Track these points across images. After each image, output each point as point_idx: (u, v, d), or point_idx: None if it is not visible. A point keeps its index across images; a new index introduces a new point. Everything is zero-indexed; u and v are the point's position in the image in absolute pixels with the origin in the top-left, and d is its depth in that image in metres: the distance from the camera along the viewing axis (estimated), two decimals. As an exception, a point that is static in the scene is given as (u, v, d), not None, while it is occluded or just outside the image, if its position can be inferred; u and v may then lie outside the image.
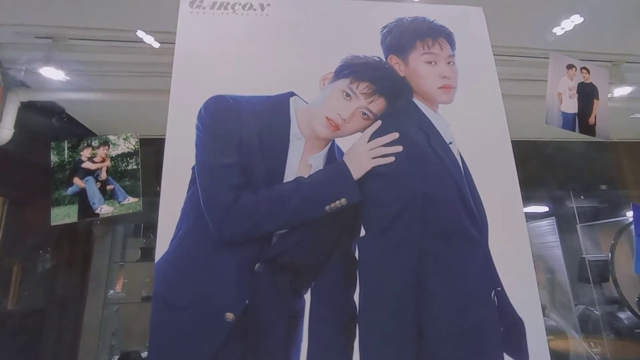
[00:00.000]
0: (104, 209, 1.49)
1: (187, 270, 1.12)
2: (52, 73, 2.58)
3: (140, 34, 2.40)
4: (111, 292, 4.34)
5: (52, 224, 1.48)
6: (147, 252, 4.59)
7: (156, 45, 2.47)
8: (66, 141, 1.60)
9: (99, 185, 1.53)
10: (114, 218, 4.29)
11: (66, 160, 1.59)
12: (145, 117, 3.78)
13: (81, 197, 1.53)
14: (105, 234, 4.30)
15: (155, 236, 3.49)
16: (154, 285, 1.11)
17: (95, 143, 1.61)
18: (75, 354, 3.66)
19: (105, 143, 1.60)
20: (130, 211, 1.47)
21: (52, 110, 3.41)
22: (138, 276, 4.60)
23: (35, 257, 3.32)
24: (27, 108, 2.82)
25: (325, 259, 1.16)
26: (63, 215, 1.52)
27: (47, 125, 3.36)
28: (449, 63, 1.31)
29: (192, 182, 1.18)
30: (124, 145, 1.60)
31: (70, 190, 1.54)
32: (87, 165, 1.56)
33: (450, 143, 1.26)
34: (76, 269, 3.74)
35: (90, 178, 1.53)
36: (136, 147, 1.58)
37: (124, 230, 4.73)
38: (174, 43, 2.57)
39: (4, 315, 2.97)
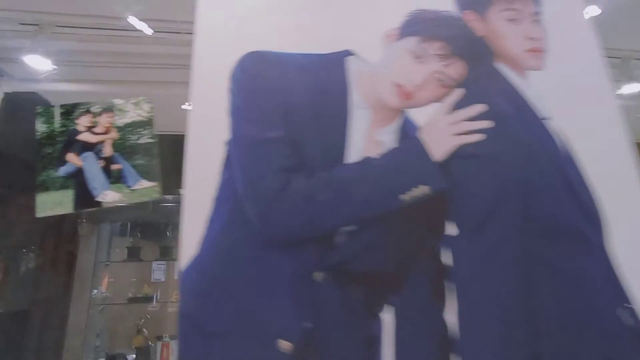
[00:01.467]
0: (109, 196, 1.12)
1: (225, 282, 0.88)
2: (37, 62, 2.46)
3: (133, 20, 2.29)
4: (95, 292, 4.20)
5: (38, 215, 1.09)
6: (134, 252, 4.47)
7: (149, 32, 2.36)
8: (58, 105, 1.21)
9: (102, 165, 1.16)
10: (99, 213, 4.19)
11: (57, 130, 1.21)
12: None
13: (78, 179, 1.18)
14: (90, 232, 4.16)
15: (142, 235, 3.35)
16: (180, 301, 0.87)
17: (96, 109, 1.24)
18: (59, 355, 3.53)
19: (110, 109, 1.24)
20: (145, 199, 1.11)
21: (36, 102, 3.27)
22: (124, 276, 4.49)
23: (19, 256, 3.18)
24: (10, 99, 2.68)
25: (406, 267, 0.91)
26: (53, 203, 1.13)
27: (32, 117, 3.22)
28: (534, 21, 1.05)
29: (228, 162, 0.95)
30: (133, 111, 1.25)
31: (63, 171, 1.17)
32: (85, 137, 1.18)
33: (546, 119, 1.01)
34: (61, 268, 3.61)
35: (90, 154, 1.16)
36: (150, 114, 1.23)
37: (110, 228, 4.59)
38: (169, 32, 2.50)
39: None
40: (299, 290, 0.86)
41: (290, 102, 0.95)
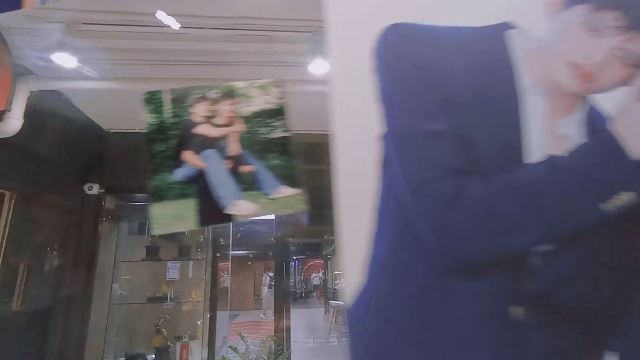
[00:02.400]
0: (243, 208, 0.87)
1: (400, 322, 0.67)
2: (63, 60, 2.44)
3: (161, 15, 2.26)
4: (117, 291, 4.21)
5: (155, 232, 0.87)
6: (153, 251, 4.47)
7: (177, 26, 2.34)
8: (168, 90, 0.97)
9: (228, 166, 0.91)
10: (119, 211, 4.17)
11: (168, 121, 0.96)
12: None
13: (200, 185, 0.93)
14: (110, 231, 4.16)
15: (160, 235, 3.31)
16: (350, 347, 0.69)
17: (213, 94, 0.99)
18: (81, 355, 3.52)
19: (230, 94, 0.99)
20: (289, 211, 0.86)
21: (63, 101, 3.28)
22: (140, 275, 4.49)
23: (42, 255, 3.18)
24: (37, 98, 2.68)
25: (624, 298, 0.68)
26: (171, 217, 0.88)
27: (58, 116, 3.23)
28: None
29: (386, 163, 0.75)
30: (260, 97, 0.99)
31: (180, 174, 0.92)
32: (204, 130, 0.93)
33: None
34: (82, 267, 3.61)
35: (213, 152, 0.92)
36: (281, 100, 0.96)
37: (129, 227, 4.60)
38: (198, 27, 2.48)
39: (9, 316, 2.83)
40: (495, 332, 0.64)
41: (449, 86, 0.76)
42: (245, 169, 0.95)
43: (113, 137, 4.07)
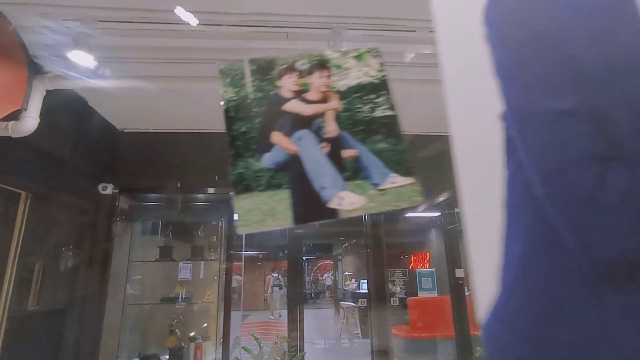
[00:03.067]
0: (349, 201, 0.70)
1: (545, 342, 0.55)
2: (80, 59, 2.41)
3: (179, 11, 2.22)
4: (129, 290, 4.19)
5: (240, 232, 0.72)
6: (166, 251, 4.45)
7: (195, 22, 2.29)
8: (247, 60, 0.83)
9: (326, 150, 0.75)
10: (133, 211, 4.14)
11: (251, 96, 0.80)
12: (186, 107, 3.66)
13: (293, 173, 0.76)
14: (124, 231, 4.14)
15: (173, 235, 3.24)
16: None
17: (302, 64, 0.85)
18: (95, 355, 3.51)
19: (323, 64, 0.86)
20: (404, 204, 0.72)
21: (78, 100, 3.26)
22: (153, 275, 4.47)
23: (57, 255, 3.16)
24: (53, 96, 2.66)
25: None
26: (261, 212, 0.72)
27: (73, 115, 3.21)
28: None
29: (510, 147, 0.64)
30: (357, 69, 0.85)
31: (269, 160, 0.76)
32: (295, 106, 0.79)
33: None
34: (97, 267, 3.59)
35: (307, 133, 0.77)
36: (382, 73, 0.84)
37: (142, 227, 4.58)
38: (215, 24, 2.44)
39: (25, 316, 2.81)
40: None
41: (575, 55, 0.63)
42: (347, 153, 0.78)
43: (127, 137, 4.06)
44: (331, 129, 0.80)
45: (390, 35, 2.59)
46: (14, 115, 2.41)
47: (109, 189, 3.82)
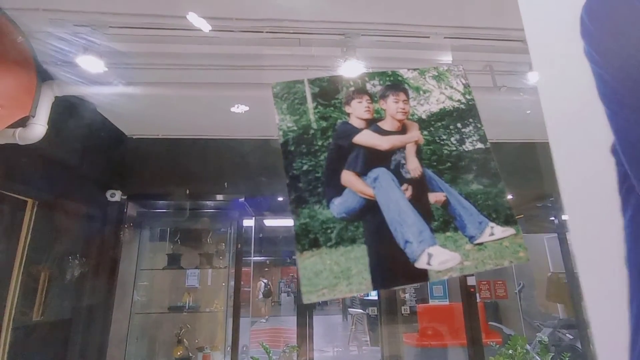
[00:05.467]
0: (441, 259, 0.58)
1: None
2: (89, 65, 2.36)
3: (192, 17, 2.16)
4: (136, 299, 4.14)
5: (307, 300, 0.58)
6: (174, 259, 4.40)
7: (207, 28, 2.24)
8: (307, 81, 0.69)
9: (409, 194, 0.62)
10: (141, 219, 4.08)
11: (315, 126, 0.66)
12: (195, 114, 3.60)
13: (372, 223, 0.62)
14: (132, 238, 4.09)
15: (181, 242, 3.15)
16: None
17: (373, 85, 0.70)
18: (102, 365, 3.46)
19: (397, 86, 0.71)
20: (506, 263, 0.59)
21: (86, 106, 3.22)
22: (161, 283, 4.41)
23: (63, 263, 3.11)
24: (62, 103, 2.61)
25: None
26: (330, 275, 0.58)
27: (81, 122, 3.17)
28: None
29: (627, 188, 0.53)
30: (439, 91, 0.71)
31: (339, 207, 0.62)
32: (369, 139, 0.65)
33: None
34: (104, 276, 3.54)
35: (383, 173, 0.64)
36: (468, 95, 0.70)
37: (150, 234, 4.53)
38: (226, 30, 2.39)
39: (29, 327, 2.76)
40: None
41: None
42: (434, 197, 0.63)
43: (136, 143, 4.01)
44: (413, 166, 0.65)
45: (403, 41, 2.53)
46: (22, 122, 2.36)
47: (117, 196, 3.77)
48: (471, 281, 4.74)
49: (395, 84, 0.74)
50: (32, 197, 2.76)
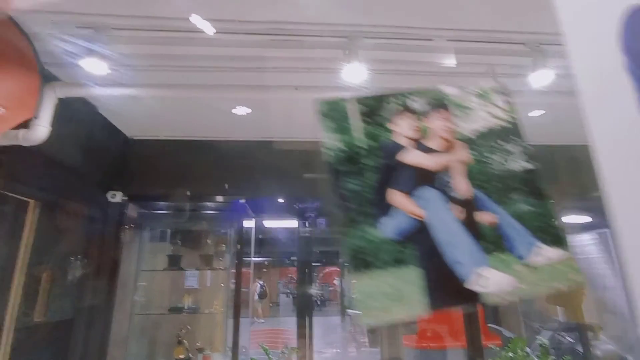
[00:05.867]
0: (493, 281, 0.56)
1: None
2: (92, 66, 2.37)
3: (195, 19, 2.17)
4: (136, 299, 4.14)
5: (364, 324, 0.49)
6: (174, 260, 4.40)
7: (212, 31, 2.25)
8: (354, 99, 0.69)
9: (459, 215, 0.61)
10: (141, 219, 4.08)
11: (361, 145, 0.66)
12: (196, 115, 3.59)
13: (424, 245, 0.61)
14: (132, 238, 4.09)
15: (182, 243, 3.16)
16: None
17: (416, 103, 0.70)
18: (102, 366, 3.45)
19: (441, 104, 0.72)
20: (559, 285, 0.58)
21: (88, 107, 3.22)
22: (164, 285, 4.41)
23: (65, 264, 3.11)
24: (63, 104, 2.61)
25: None
26: (384, 298, 0.57)
27: (83, 123, 3.17)
28: None
29: None
30: (481, 108, 0.70)
31: (390, 228, 0.61)
32: (416, 158, 0.64)
33: None
34: (105, 276, 3.54)
35: (432, 193, 0.63)
36: (512, 113, 0.69)
37: (150, 234, 4.53)
38: (231, 33, 2.40)
39: (31, 328, 2.76)
40: None
41: None
42: (485, 218, 0.61)
43: (136, 144, 4.02)
44: (463, 187, 0.63)
45: (406, 43, 2.53)
46: (25, 124, 2.37)
47: (117, 197, 3.77)
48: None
49: (439, 102, 0.72)
50: (34, 198, 2.76)
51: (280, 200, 4.27)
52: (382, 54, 2.60)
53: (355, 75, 2.48)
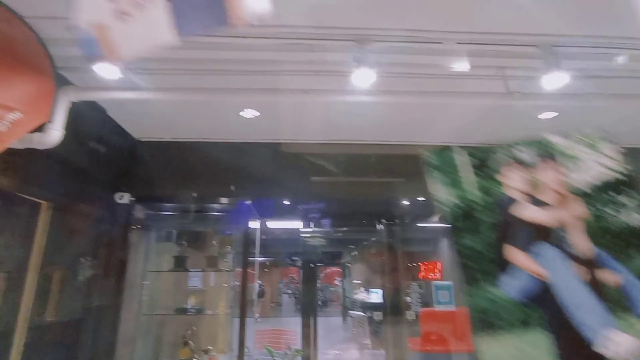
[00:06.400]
0: (625, 347, 0.51)
1: None
2: (104, 71, 2.39)
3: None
4: (145, 300, 4.17)
5: None
6: (180, 261, 4.42)
7: (219, 33, 2.27)
8: (464, 152, 0.58)
9: (583, 274, 0.51)
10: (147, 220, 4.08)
11: (476, 199, 0.56)
12: (203, 117, 3.60)
13: (549, 306, 0.56)
14: (140, 239, 4.11)
15: (188, 244, 3.20)
16: None
17: (525, 153, 0.64)
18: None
19: (549, 154, 0.64)
20: None
21: (98, 110, 3.25)
22: (171, 285, 4.44)
23: (75, 265, 3.14)
24: (78, 108, 2.64)
25: None
26: None
27: (93, 126, 3.20)
28: None
29: None
30: (590, 158, 0.65)
31: (512, 289, 0.56)
32: (532, 213, 0.58)
33: None
34: (113, 277, 3.57)
35: (552, 251, 0.56)
36: (623, 162, 0.63)
37: (157, 235, 4.55)
38: (239, 37, 2.41)
39: (44, 327, 2.79)
40: None
41: None
42: (608, 277, 0.51)
43: (144, 146, 4.05)
44: (583, 244, 0.57)
45: (415, 47, 2.55)
46: (40, 127, 2.40)
47: (125, 198, 3.80)
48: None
49: (546, 152, 0.68)
50: (47, 199, 2.79)
51: (286, 202, 4.29)
52: (392, 57, 2.61)
53: (365, 79, 2.50)
